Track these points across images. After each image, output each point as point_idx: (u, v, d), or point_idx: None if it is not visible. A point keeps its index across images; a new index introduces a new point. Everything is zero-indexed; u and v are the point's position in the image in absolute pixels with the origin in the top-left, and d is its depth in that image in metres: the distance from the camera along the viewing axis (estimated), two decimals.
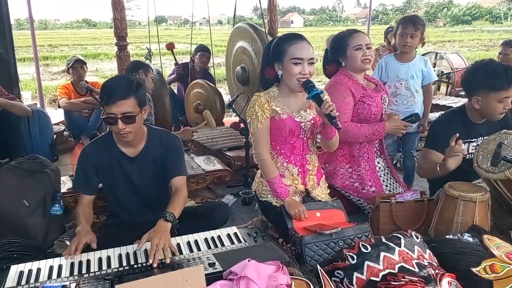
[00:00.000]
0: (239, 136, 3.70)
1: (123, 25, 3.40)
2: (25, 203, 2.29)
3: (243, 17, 48.17)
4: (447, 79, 6.41)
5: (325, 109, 2.00)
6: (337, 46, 2.68)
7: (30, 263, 1.76)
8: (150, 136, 2.18)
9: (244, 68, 4.51)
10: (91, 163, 2.13)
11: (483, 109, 2.43)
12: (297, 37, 2.19)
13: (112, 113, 1.94)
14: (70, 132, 4.72)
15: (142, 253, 1.84)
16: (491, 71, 2.36)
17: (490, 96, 2.36)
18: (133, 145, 2.13)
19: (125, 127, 1.96)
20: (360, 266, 1.61)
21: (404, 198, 2.43)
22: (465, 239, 1.87)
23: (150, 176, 2.19)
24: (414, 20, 3.08)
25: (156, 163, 2.19)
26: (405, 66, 3.16)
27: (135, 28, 46.69)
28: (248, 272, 1.47)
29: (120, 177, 2.16)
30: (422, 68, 3.18)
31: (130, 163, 2.15)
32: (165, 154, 2.19)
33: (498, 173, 2.13)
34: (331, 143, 2.29)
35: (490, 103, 2.38)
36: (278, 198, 2.23)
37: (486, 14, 58.50)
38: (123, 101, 1.94)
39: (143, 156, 2.16)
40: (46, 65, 15.56)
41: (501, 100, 2.35)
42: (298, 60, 2.12)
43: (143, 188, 2.20)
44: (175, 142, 2.24)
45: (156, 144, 2.19)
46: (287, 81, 2.19)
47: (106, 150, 2.14)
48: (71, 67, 4.70)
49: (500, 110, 2.39)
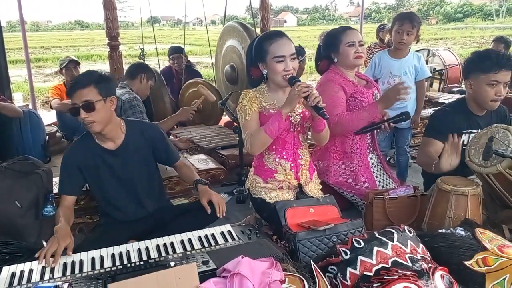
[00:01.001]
0: (232, 135, 3.69)
1: (115, 25, 3.39)
2: (17, 204, 2.27)
3: (236, 16, 48.20)
4: (439, 76, 6.44)
5: (311, 101, 2.01)
6: (330, 42, 2.69)
7: (22, 264, 1.75)
8: (129, 128, 2.22)
9: (233, 67, 4.50)
10: (74, 164, 2.16)
11: (475, 93, 2.46)
12: (276, 35, 2.21)
13: (74, 103, 2.01)
14: (62, 133, 4.68)
15: (135, 253, 1.84)
16: (483, 53, 2.43)
17: (480, 79, 2.39)
18: (112, 138, 2.16)
19: (87, 116, 2.00)
20: (353, 261, 1.61)
21: (398, 194, 2.44)
22: (457, 233, 1.88)
23: (135, 168, 2.21)
24: (411, 17, 3.09)
25: (140, 154, 2.22)
26: (399, 62, 3.17)
27: (128, 29, 46.56)
28: (241, 269, 1.47)
29: (106, 173, 2.17)
30: (415, 64, 3.19)
31: (113, 156, 2.17)
32: (149, 145, 2.25)
33: (490, 167, 2.14)
34: (321, 136, 2.30)
35: (480, 86, 2.40)
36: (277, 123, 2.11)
37: (478, 12, 58.85)
38: (83, 89, 2.01)
39: (125, 148, 2.18)
40: (38, 67, 15.46)
41: (490, 83, 2.36)
42: (280, 58, 2.14)
43: (129, 182, 2.22)
44: (157, 131, 2.32)
45: (137, 135, 2.22)
46: (273, 79, 2.22)
47: (88, 149, 2.16)
48: (64, 67, 4.66)
49: (491, 96, 2.39)
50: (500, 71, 2.34)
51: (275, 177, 2.31)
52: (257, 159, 2.38)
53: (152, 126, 2.39)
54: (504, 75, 2.35)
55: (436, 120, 2.58)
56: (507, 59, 2.36)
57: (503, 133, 2.17)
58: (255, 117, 2.22)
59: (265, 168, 2.33)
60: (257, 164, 2.39)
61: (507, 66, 2.35)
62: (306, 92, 2.01)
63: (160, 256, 1.81)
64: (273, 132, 2.12)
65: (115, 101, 2.14)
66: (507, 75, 2.37)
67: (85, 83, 2.02)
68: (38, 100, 7.91)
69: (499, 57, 2.35)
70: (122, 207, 2.23)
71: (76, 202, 2.53)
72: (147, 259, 1.79)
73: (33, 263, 1.75)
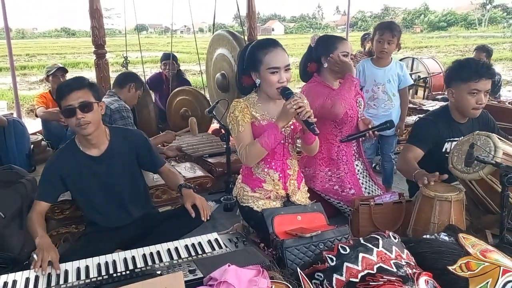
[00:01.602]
0: (220, 143, 3.69)
1: (101, 33, 3.37)
2: (1, 214, 2.23)
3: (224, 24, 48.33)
4: (424, 83, 6.55)
5: (302, 116, 2.01)
6: (325, 46, 2.69)
7: (5, 275, 1.72)
8: (112, 134, 2.22)
9: (224, 75, 4.52)
10: (56, 174, 2.14)
11: (456, 102, 2.51)
12: (270, 45, 2.17)
13: (69, 104, 2.01)
14: (48, 141, 4.61)
15: (121, 262, 1.82)
16: (464, 63, 2.48)
17: (460, 88, 2.44)
18: (96, 145, 2.16)
19: (83, 116, 2.01)
20: (339, 268, 1.63)
21: (383, 200, 2.47)
22: (441, 238, 1.91)
23: (120, 174, 2.21)
24: (391, 27, 3.14)
25: (124, 159, 2.22)
26: (382, 71, 3.22)
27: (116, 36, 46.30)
28: (228, 277, 1.47)
29: (90, 180, 2.16)
30: (398, 72, 3.25)
31: (97, 163, 2.16)
32: (133, 150, 2.25)
33: (472, 174, 2.18)
34: (311, 148, 2.31)
35: (461, 95, 2.45)
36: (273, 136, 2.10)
37: (461, 21, 60.04)
38: (78, 91, 2.03)
39: (109, 154, 2.18)
40: (23, 75, 15.28)
41: (471, 92, 2.41)
42: (275, 69, 2.12)
43: (114, 188, 2.21)
44: (141, 138, 2.33)
45: (121, 141, 2.22)
46: (266, 90, 2.19)
47: (72, 157, 2.15)
48: (52, 75, 4.61)
49: (472, 104, 2.44)
50: (480, 80, 2.38)
51: (263, 186, 2.31)
52: (246, 167, 2.38)
53: (135, 132, 2.40)
54: (484, 83, 2.40)
55: (419, 128, 2.63)
56: (486, 68, 2.41)
57: (484, 140, 2.22)
58: (248, 128, 2.20)
59: (254, 177, 2.33)
60: (245, 172, 2.39)
61: (487, 75, 2.40)
62: (301, 108, 2.00)
63: (147, 265, 1.80)
64: (269, 145, 2.12)
65: (104, 106, 2.17)
66: (487, 84, 2.42)
67: (80, 85, 2.05)
68: (23, 108, 7.80)
69: (479, 66, 2.40)
70: (107, 214, 2.22)
71: (61, 211, 2.52)
72: (133, 268, 1.78)
73: (17, 274, 1.72)
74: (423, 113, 3.99)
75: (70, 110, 2.00)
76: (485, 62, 2.49)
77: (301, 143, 2.35)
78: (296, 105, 2.00)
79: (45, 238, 1.94)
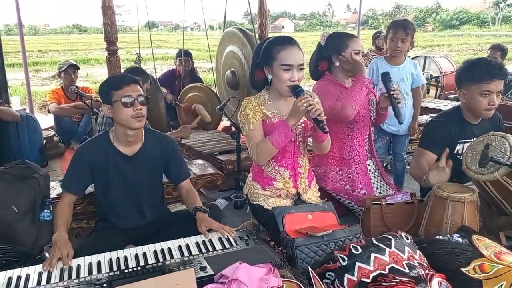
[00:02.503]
0: (230, 140, 3.70)
1: (113, 29, 3.38)
2: (14, 209, 2.26)
3: (234, 22, 48.35)
4: (436, 83, 6.49)
5: (312, 113, 2.00)
6: (336, 44, 2.66)
7: (19, 269, 1.73)
8: (146, 136, 2.22)
9: (234, 72, 4.52)
10: (86, 163, 2.14)
11: (468, 103, 2.46)
12: (287, 42, 2.17)
13: (128, 94, 2.03)
14: (60, 137, 4.68)
15: (132, 258, 1.83)
16: (475, 63, 2.42)
17: (472, 89, 2.39)
18: (132, 143, 2.16)
19: (141, 109, 2.04)
20: (351, 268, 1.62)
21: (395, 200, 2.45)
22: (454, 240, 1.88)
23: (145, 177, 2.21)
24: (405, 25, 3.11)
25: (153, 163, 2.22)
26: (396, 69, 3.19)
27: (126, 33, 46.57)
28: (239, 274, 1.47)
29: (115, 177, 2.16)
30: (412, 71, 3.22)
31: (127, 162, 2.16)
32: (164, 156, 2.25)
33: (487, 174, 2.15)
34: (323, 146, 2.29)
35: (472, 96, 2.40)
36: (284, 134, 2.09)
37: (474, 19, 59.30)
38: (136, 84, 2.08)
39: (141, 155, 2.18)
40: (36, 71, 15.45)
41: (483, 93, 2.36)
42: (288, 66, 2.11)
43: (136, 189, 2.20)
44: (174, 145, 2.33)
45: (154, 144, 2.22)
46: (277, 86, 2.19)
47: (103, 150, 2.14)
48: (63, 71, 4.67)
49: (484, 106, 2.39)
50: (492, 81, 2.33)
51: (274, 185, 2.31)
52: (256, 165, 2.37)
53: (168, 138, 2.36)
54: (496, 84, 2.35)
55: (430, 131, 2.57)
56: (498, 69, 2.34)
57: (500, 140, 2.19)
58: (259, 126, 2.20)
59: (264, 176, 2.33)
60: (255, 170, 2.39)
61: (499, 75, 2.34)
62: (312, 105, 1.99)
63: (158, 262, 1.80)
64: (279, 143, 2.11)
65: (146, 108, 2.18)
66: (499, 84, 2.36)
67: (136, 79, 2.12)
68: (35, 104, 7.89)
69: (490, 66, 2.34)
70: (123, 214, 2.22)
71: (74, 206, 2.53)
72: (145, 264, 1.78)
73: (30, 268, 1.74)
74: (435, 113, 3.95)
75: (129, 99, 2.03)
76: (496, 62, 2.43)
77: (313, 141, 2.34)
78: (306, 103, 1.99)
79: (62, 233, 1.94)
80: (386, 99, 2.61)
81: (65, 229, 2.02)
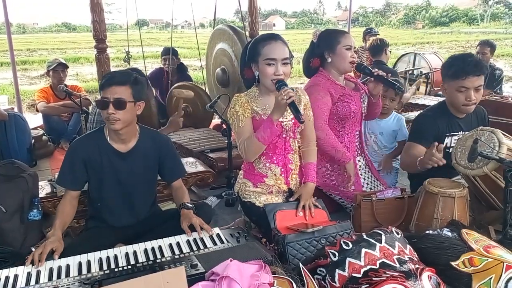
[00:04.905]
0: (221, 138, 3.68)
1: (102, 27, 3.35)
2: (2, 209, 2.23)
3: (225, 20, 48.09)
4: (426, 79, 6.52)
5: (281, 97, 1.98)
6: (328, 40, 2.66)
7: (7, 269, 1.72)
8: (142, 134, 2.21)
9: (224, 70, 4.50)
10: (80, 158, 2.12)
11: (448, 98, 2.53)
12: (271, 38, 2.19)
13: (105, 97, 2.00)
14: (49, 136, 4.62)
15: (123, 257, 1.82)
16: (452, 60, 2.48)
17: (450, 84, 2.46)
18: (125, 141, 2.14)
19: (114, 113, 1.99)
20: (342, 263, 1.63)
21: (385, 196, 2.47)
22: (444, 234, 1.90)
23: (139, 174, 2.19)
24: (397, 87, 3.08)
25: (147, 161, 2.21)
26: (376, 122, 3.21)
27: (116, 31, 46.22)
28: (230, 272, 1.47)
29: (108, 173, 2.14)
30: (393, 129, 3.23)
31: (121, 159, 2.14)
32: (158, 155, 2.24)
33: (476, 169, 2.17)
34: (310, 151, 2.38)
35: (451, 91, 2.47)
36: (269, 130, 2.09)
37: (463, 16, 59.74)
38: (118, 87, 2.00)
39: (134, 152, 2.16)
40: (24, 70, 15.23)
41: (459, 89, 2.41)
42: (271, 60, 2.12)
43: (129, 187, 2.19)
44: (168, 144, 2.31)
45: (148, 143, 2.21)
46: (263, 81, 2.20)
47: (97, 145, 2.13)
48: (52, 69, 4.60)
49: (462, 101, 2.43)
50: (467, 77, 2.37)
51: (265, 181, 2.30)
52: (247, 163, 2.36)
53: (163, 137, 2.35)
54: (471, 81, 2.38)
55: (419, 124, 2.61)
56: (474, 65, 2.37)
57: (488, 135, 2.21)
58: (248, 123, 2.20)
59: (255, 173, 2.32)
60: (246, 168, 2.38)
61: (474, 71, 2.36)
62: (292, 97, 1.99)
63: (148, 260, 1.79)
64: (265, 139, 2.11)
65: (142, 106, 2.13)
66: (475, 81, 2.38)
67: (123, 81, 2.02)
68: (24, 103, 7.79)
69: (465, 63, 2.37)
70: (115, 211, 2.20)
71: None
72: (135, 263, 1.77)
73: (18, 269, 1.72)
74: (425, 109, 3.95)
75: (103, 103, 2.00)
76: (473, 59, 2.43)
77: (301, 143, 2.37)
78: (286, 96, 1.98)
79: (56, 231, 1.95)
80: (375, 83, 2.64)
81: (61, 227, 2.01)
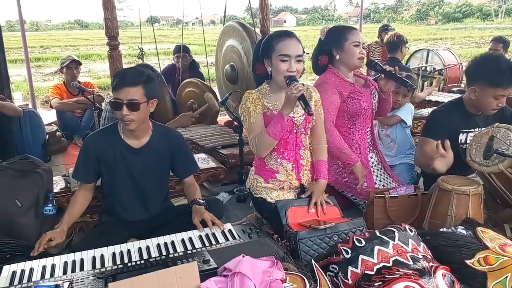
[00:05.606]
0: (232, 134, 3.68)
1: (114, 24, 3.37)
2: (17, 204, 2.27)
3: (235, 16, 48.15)
4: (439, 76, 6.43)
5: (290, 91, 1.98)
6: (335, 37, 2.65)
7: (22, 263, 1.74)
8: (155, 130, 2.23)
9: (233, 66, 4.50)
10: (94, 153, 2.16)
11: (477, 101, 2.45)
12: (286, 34, 2.19)
13: (119, 99, 2.02)
14: (62, 132, 4.68)
15: (136, 252, 1.83)
16: (495, 66, 2.34)
17: (487, 90, 2.37)
18: (138, 137, 2.17)
19: (128, 114, 2.01)
20: (354, 260, 1.61)
21: (398, 193, 2.44)
22: (459, 232, 1.88)
23: (151, 170, 2.22)
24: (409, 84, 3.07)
25: (159, 157, 2.23)
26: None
27: (128, 28, 46.48)
28: (242, 267, 1.47)
29: (121, 168, 2.17)
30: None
31: (134, 155, 2.17)
32: (170, 151, 2.26)
33: (491, 166, 2.14)
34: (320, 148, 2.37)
35: (485, 97, 2.39)
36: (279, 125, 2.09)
37: (477, 12, 58.78)
38: (131, 88, 2.01)
39: (147, 149, 2.19)
40: (38, 66, 15.42)
41: (497, 97, 2.36)
42: (285, 57, 2.12)
43: (142, 182, 2.21)
44: (181, 140, 2.34)
45: (161, 139, 2.23)
46: (275, 77, 2.19)
47: (110, 141, 2.16)
48: (65, 66, 4.66)
49: (493, 106, 2.40)
50: (509, 87, 2.33)
51: (277, 177, 2.30)
52: (258, 159, 2.36)
53: (177, 134, 2.38)
54: (510, 90, 2.35)
55: (433, 120, 2.59)
56: None
57: (504, 132, 2.18)
58: (259, 119, 2.20)
59: (267, 168, 2.32)
60: (258, 164, 2.38)
61: None
62: (302, 91, 1.98)
63: (161, 255, 1.80)
64: (276, 134, 2.11)
65: (155, 104, 2.15)
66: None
67: (135, 82, 2.02)
68: (37, 99, 7.89)
69: None
70: (128, 206, 2.23)
71: None
72: (148, 258, 1.79)
73: (34, 262, 1.75)
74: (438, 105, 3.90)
75: (117, 104, 2.02)
76: None
77: (310, 142, 2.37)
78: (296, 90, 1.97)
79: (62, 225, 2.03)
80: (386, 80, 2.63)
81: (67, 221, 2.07)
